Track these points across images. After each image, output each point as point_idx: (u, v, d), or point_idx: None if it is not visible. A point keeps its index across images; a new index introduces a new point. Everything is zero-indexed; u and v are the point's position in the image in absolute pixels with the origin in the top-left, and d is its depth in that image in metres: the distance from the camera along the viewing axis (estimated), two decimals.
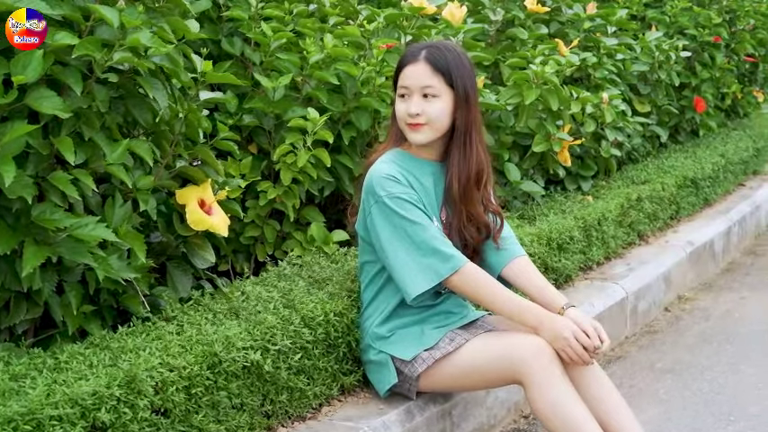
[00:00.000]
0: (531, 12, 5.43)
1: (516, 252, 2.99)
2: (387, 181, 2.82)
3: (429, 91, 2.81)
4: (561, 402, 2.65)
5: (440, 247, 2.77)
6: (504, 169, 4.55)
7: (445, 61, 2.82)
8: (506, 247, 3.00)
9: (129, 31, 2.42)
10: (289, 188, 3.52)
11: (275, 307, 2.87)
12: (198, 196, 2.96)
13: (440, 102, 2.82)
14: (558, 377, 2.67)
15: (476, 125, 2.89)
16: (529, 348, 2.70)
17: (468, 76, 2.86)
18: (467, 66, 2.88)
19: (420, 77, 2.82)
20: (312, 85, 3.73)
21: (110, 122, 2.65)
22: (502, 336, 2.83)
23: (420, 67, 2.83)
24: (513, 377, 2.74)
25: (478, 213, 2.93)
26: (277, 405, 2.76)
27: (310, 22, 3.89)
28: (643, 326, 4.58)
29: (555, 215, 4.53)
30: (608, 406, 2.76)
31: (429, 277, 2.77)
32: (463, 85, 2.83)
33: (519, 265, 2.97)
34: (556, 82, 4.49)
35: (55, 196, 2.45)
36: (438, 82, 2.81)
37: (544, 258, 4.12)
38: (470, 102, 2.85)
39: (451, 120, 2.86)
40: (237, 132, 3.69)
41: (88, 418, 2.21)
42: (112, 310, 2.82)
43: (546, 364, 2.68)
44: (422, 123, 2.83)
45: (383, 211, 2.81)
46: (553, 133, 4.60)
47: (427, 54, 2.84)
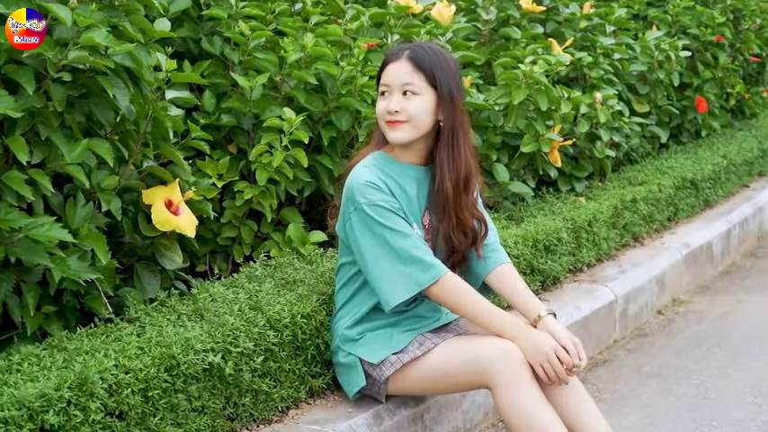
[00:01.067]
0: (526, 11, 5.38)
1: (500, 259, 2.94)
2: (367, 188, 2.77)
3: (409, 88, 2.77)
4: (527, 407, 2.61)
5: (420, 255, 2.73)
6: (493, 170, 4.50)
7: (428, 60, 2.78)
8: (490, 254, 2.95)
9: (83, 30, 2.39)
10: (266, 188, 3.49)
11: (240, 308, 2.84)
12: (165, 197, 2.94)
13: (420, 99, 2.78)
14: (526, 381, 2.63)
15: (462, 127, 2.84)
16: (496, 352, 2.66)
17: (453, 77, 2.82)
18: (451, 67, 2.84)
19: (401, 75, 2.79)
20: (291, 84, 3.70)
21: (70, 122, 2.62)
22: (470, 339, 2.79)
23: (401, 65, 2.80)
24: (481, 381, 2.70)
25: (466, 218, 2.88)
26: (240, 408, 2.73)
27: (291, 21, 3.85)
28: (633, 329, 4.52)
29: (544, 216, 4.47)
30: (580, 413, 2.72)
31: (409, 286, 2.73)
32: (447, 86, 2.79)
33: (502, 271, 2.93)
34: (545, 82, 4.44)
35: (10, 196, 2.42)
36: (419, 80, 2.78)
37: (530, 260, 4.07)
38: (455, 103, 2.81)
39: (433, 119, 2.82)
40: (216, 132, 3.67)
41: (36, 420, 2.19)
42: (76, 311, 2.80)
43: (513, 366, 2.64)
44: (401, 121, 2.79)
45: (363, 219, 2.77)
46: (542, 133, 4.55)
47: (410, 53, 2.81)
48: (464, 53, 4.55)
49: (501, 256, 2.96)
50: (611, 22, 5.90)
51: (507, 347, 2.66)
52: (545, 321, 2.74)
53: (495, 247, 2.96)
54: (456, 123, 2.82)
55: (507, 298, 2.90)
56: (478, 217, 2.93)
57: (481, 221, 2.94)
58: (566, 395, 2.72)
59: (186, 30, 3.77)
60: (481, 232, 2.94)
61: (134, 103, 2.84)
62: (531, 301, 2.84)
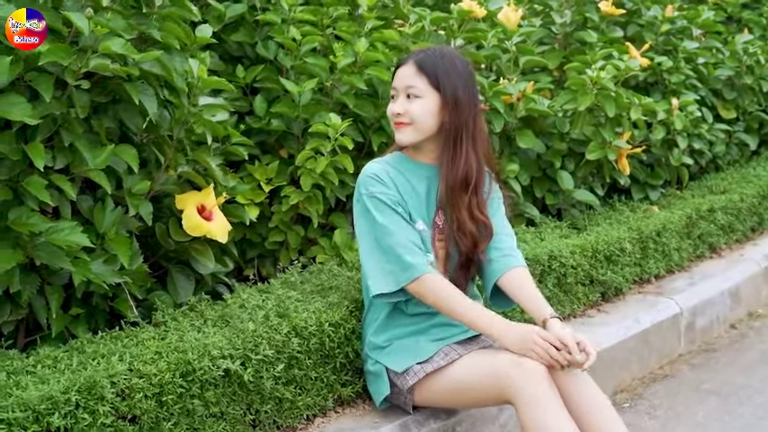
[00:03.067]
0: (605, 14, 5.27)
1: (512, 263, 2.88)
2: (370, 179, 2.83)
3: (412, 91, 2.81)
4: (550, 424, 2.54)
5: (402, 255, 2.74)
6: (557, 177, 4.42)
7: (432, 64, 2.80)
8: (502, 259, 2.89)
9: (101, 39, 2.42)
10: (311, 194, 3.49)
11: (266, 315, 2.84)
12: (198, 202, 2.96)
13: (422, 102, 2.80)
14: (548, 397, 2.56)
15: (467, 129, 2.83)
16: (513, 366, 2.60)
17: (460, 80, 2.81)
18: (460, 71, 2.82)
19: (405, 78, 2.83)
20: (342, 90, 3.69)
21: (97, 127, 2.66)
22: (492, 353, 2.73)
23: (407, 69, 2.84)
24: (501, 395, 2.64)
25: (463, 219, 2.84)
26: (263, 415, 2.73)
27: (347, 25, 3.84)
28: (701, 343, 4.36)
29: (609, 225, 4.36)
30: (599, 420, 2.65)
31: (390, 282, 2.75)
32: (452, 89, 2.80)
33: (514, 275, 2.86)
34: (611, 87, 4.32)
35: (31, 201, 2.47)
36: (422, 83, 2.80)
37: (588, 270, 3.97)
38: (459, 105, 2.80)
39: (438, 121, 2.83)
40: (268, 136, 3.69)
41: (41, 422, 2.23)
42: (106, 313, 2.85)
43: (531, 381, 2.57)
44: (405, 123, 2.83)
45: (362, 209, 2.83)
46: (609, 140, 4.43)
47: (417, 57, 2.84)
48: (530, 57, 4.48)
49: (513, 260, 2.89)
50: (698, 25, 5.72)
51: (527, 362, 2.60)
52: (550, 324, 2.68)
53: (509, 252, 2.89)
54: (459, 125, 2.82)
55: (518, 301, 2.85)
56: (480, 220, 2.87)
57: (484, 225, 2.88)
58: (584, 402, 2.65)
59: (242, 34, 3.80)
60: (481, 236, 2.88)
61: (168, 108, 2.88)
62: (541, 304, 2.78)
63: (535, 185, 4.45)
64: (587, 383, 2.68)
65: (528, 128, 4.36)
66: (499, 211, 2.96)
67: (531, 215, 4.32)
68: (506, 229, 2.96)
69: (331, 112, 3.54)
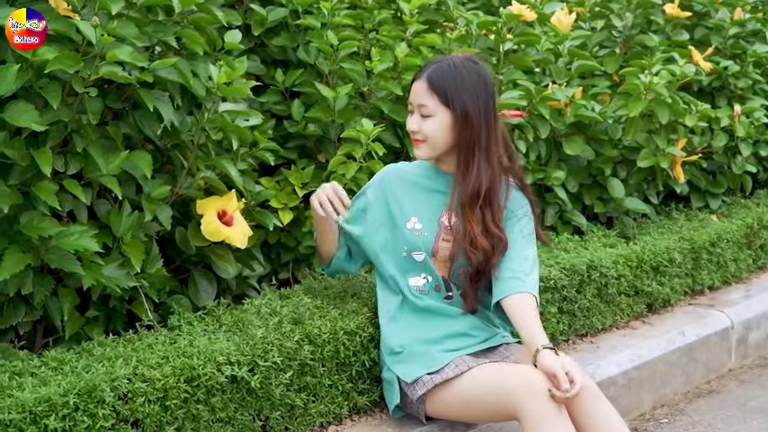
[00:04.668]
0: (670, 16, 5.15)
1: (520, 287, 2.78)
2: (372, 181, 3.05)
3: (424, 111, 2.83)
4: None
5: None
6: (608, 185, 4.33)
7: (442, 80, 2.79)
8: (509, 281, 2.80)
9: (108, 47, 2.46)
10: None
11: (280, 321, 2.84)
12: (219, 207, 2.98)
13: (434, 121, 2.82)
14: (554, 416, 2.52)
15: (479, 142, 2.81)
16: (520, 382, 2.56)
17: (471, 93, 2.79)
18: (470, 83, 2.80)
19: (418, 96, 2.84)
20: (380, 95, 3.68)
21: (113, 134, 2.70)
22: (502, 367, 2.68)
23: (420, 85, 2.84)
24: (508, 411, 2.60)
25: (476, 234, 2.80)
26: (273, 421, 2.73)
27: (387, 30, 3.83)
28: (755, 358, 4.23)
29: (660, 235, 4.26)
30: None
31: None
32: (461, 105, 2.78)
33: (518, 300, 2.76)
34: (664, 93, 4.21)
35: (42, 206, 2.52)
36: (433, 102, 2.80)
37: (632, 281, 3.88)
38: (470, 120, 2.79)
39: (452, 137, 2.83)
40: (305, 141, 3.71)
41: (39, 424, 2.27)
42: (124, 316, 2.89)
43: (541, 400, 2.53)
44: (420, 140, 2.86)
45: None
46: (663, 148, 4.32)
47: (428, 71, 2.83)
48: (583, 62, 4.40)
49: (521, 285, 2.79)
50: None
51: (532, 378, 2.55)
52: (541, 354, 2.60)
53: (519, 276, 2.80)
54: (471, 139, 2.81)
55: (516, 327, 2.78)
56: (495, 234, 2.82)
57: (498, 239, 2.83)
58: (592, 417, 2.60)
59: (283, 38, 3.81)
60: (495, 250, 2.83)
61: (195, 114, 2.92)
62: (536, 334, 2.68)
63: (585, 193, 4.37)
64: (599, 402, 2.62)
65: (578, 134, 4.28)
66: (517, 226, 2.89)
67: (578, 223, 4.24)
68: (524, 250, 2.87)
69: (365, 118, 3.53)
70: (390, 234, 2.95)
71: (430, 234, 2.89)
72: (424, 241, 2.88)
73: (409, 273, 2.92)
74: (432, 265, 2.89)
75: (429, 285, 2.91)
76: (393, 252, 2.94)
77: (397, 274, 2.93)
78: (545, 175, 4.12)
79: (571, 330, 3.66)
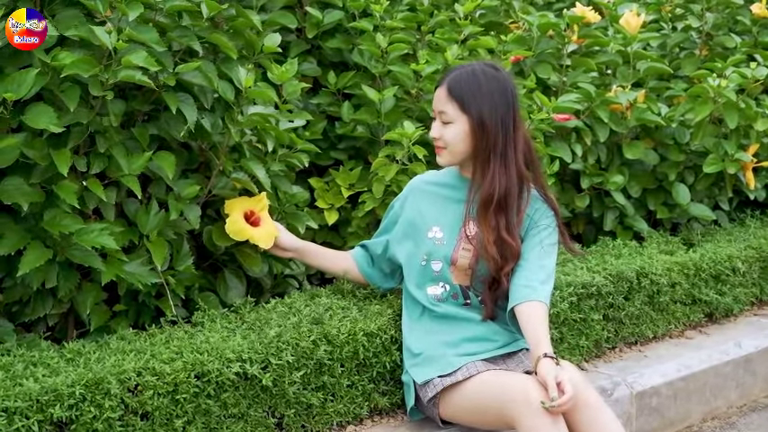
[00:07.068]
0: (757, 16, 4.99)
1: (531, 296, 2.75)
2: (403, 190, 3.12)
3: (444, 118, 2.85)
4: None
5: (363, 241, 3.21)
6: (673, 190, 4.23)
7: (460, 88, 2.81)
8: (521, 289, 2.78)
9: (122, 52, 2.55)
10: (385, 200, 3.51)
11: (299, 321, 2.89)
12: (247, 207, 3.04)
13: (453, 128, 2.84)
14: (548, 425, 2.49)
15: (495, 149, 2.80)
16: (518, 392, 2.55)
17: (487, 100, 2.79)
18: (487, 90, 2.80)
19: (438, 102, 2.87)
20: (427, 97, 3.69)
21: (138, 135, 2.80)
22: (507, 375, 2.67)
23: (441, 92, 2.86)
24: (505, 421, 2.60)
25: (488, 241, 2.79)
26: (288, 419, 2.78)
27: (441, 32, 3.84)
28: None
29: (726, 242, 4.14)
30: None
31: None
32: (478, 112, 2.79)
33: (528, 308, 2.74)
34: (731, 97, 4.09)
35: (64, 203, 2.63)
36: (452, 108, 2.82)
37: (688, 289, 3.79)
38: (487, 128, 2.79)
39: (471, 144, 2.84)
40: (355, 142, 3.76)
41: (46, 413, 2.37)
42: (152, 311, 2.99)
43: (536, 414, 2.51)
44: (441, 147, 2.88)
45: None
46: (731, 153, 4.19)
47: (449, 79, 2.85)
48: (651, 64, 4.31)
49: (533, 293, 2.76)
50: None
51: (528, 389, 2.53)
52: (540, 363, 2.59)
53: (532, 284, 2.77)
54: (488, 147, 2.80)
55: (524, 334, 2.76)
56: (507, 242, 2.80)
57: (509, 247, 2.81)
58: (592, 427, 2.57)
59: (338, 41, 3.87)
60: (505, 258, 2.81)
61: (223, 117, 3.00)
62: (541, 343, 2.66)
63: (648, 198, 4.28)
64: (600, 413, 2.59)
65: (642, 138, 4.20)
66: (537, 237, 2.87)
67: (638, 229, 4.16)
68: (542, 259, 2.85)
69: (414, 120, 3.55)
70: (414, 243, 2.97)
71: (449, 243, 2.89)
72: (443, 250, 2.89)
73: (427, 282, 2.93)
74: (449, 274, 2.89)
75: (447, 293, 2.91)
76: (414, 260, 2.96)
77: (417, 283, 2.95)
78: (603, 180, 4.06)
79: (618, 338, 3.60)
